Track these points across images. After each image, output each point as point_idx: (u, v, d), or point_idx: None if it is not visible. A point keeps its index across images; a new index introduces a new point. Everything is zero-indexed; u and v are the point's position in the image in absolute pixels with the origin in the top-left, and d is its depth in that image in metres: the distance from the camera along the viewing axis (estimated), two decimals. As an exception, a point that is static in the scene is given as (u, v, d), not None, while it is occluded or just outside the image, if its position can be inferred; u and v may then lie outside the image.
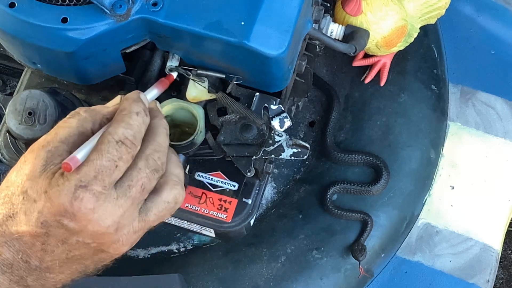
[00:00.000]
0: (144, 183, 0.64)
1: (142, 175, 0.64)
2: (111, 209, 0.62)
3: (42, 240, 0.62)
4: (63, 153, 0.63)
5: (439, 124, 1.16)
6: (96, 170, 0.61)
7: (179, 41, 0.77)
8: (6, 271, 0.63)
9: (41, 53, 0.78)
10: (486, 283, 1.11)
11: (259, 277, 1.04)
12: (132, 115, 0.65)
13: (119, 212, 0.63)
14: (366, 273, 1.05)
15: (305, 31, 0.83)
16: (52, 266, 0.64)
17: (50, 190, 0.61)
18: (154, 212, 0.66)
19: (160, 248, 1.09)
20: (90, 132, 0.65)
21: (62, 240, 0.63)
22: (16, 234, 0.62)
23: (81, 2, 0.74)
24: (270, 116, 0.83)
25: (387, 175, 1.08)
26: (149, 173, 0.65)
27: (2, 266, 0.63)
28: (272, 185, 1.12)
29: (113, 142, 0.62)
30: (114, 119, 0.65)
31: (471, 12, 1.25)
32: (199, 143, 0.81)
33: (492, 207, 1.14)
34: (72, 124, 0.65)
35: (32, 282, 0.64)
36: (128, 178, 0.64)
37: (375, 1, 1.00)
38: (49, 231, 0.62)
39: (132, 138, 0.64)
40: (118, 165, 0.62)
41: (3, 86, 1.14)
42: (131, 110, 0.65)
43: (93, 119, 0.66)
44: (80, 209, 0.61)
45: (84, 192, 0.61)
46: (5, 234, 0.62)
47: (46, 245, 0.63)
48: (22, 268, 0.63)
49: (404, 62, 1.16)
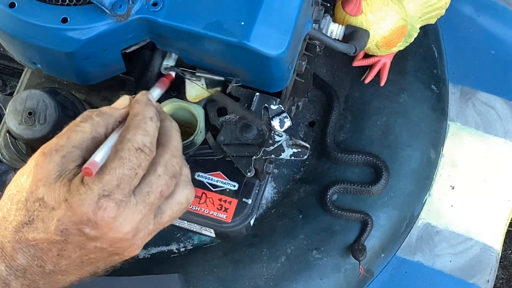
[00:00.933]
0: (163, 190, 0.64)
1: (162, 182, 0.64)
2: (131, 215, 0.62)
3: (59, 246, 0.62)
4: (77, 158, 0.63)
5: (439, 124, 1.16)
6: (119, 179, 0.61)
7: (179, 41, 0.77)
8: (20, 276, 0.63)
9: (41, 53, 0.78)
10: (486, 283, 1.11)
11: (259, 277, 1.04)
12: (147, 120, 0.65)
13: (137, 218, 0.63)
14: (366, 273, 1.05)
15: (305, 31, 0.83)
16: (66, 269, 0.64)
17: (72, 198, 0.61)
18: (168, 214, 0.66)
19: (160, 248, 1.09)
20: (103, 136, 0.65)
21: (80, 246, 0.63)
22: (33, 241, 0.62)
23: (81, 2, 0.74)
24: (270, 116, 0.83)
25: (387, 175, 1.08)
26: (168, 180, 0.65)
27: (16, 271, 0.63)
28: (272, 185, 1.12)
29: (133, 150, 0.62)
30: (130, 125, 0.64)
31: (471, 12, 1.25)
32: (199, 143, 0.81)
33: (492, 207, 1.14)
34: (86, 129, 0.64)
35: (43, 285, 0.64)
36: (147, 184, 0.64)
37: (375, 1, 1.00)
38: (68, 239, 0.62)
39: (150, 145, 0.64)
40: (137, 173, 0.62)
41: (3, 86, 1.14)
42: (145, 115, 0.65)
43: (106, 123, 0.65)
44: (104, 218, 0.61)
45: (107, 201, 0.61)
46: (21, 240, 0.62)
47: (63, 251, 0.63)
48: (36, 273, 0.63)
49: (404, 62, 1.16)
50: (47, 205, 0.61)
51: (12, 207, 0.62)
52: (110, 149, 0.63)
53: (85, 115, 0.65)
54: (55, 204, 0.61)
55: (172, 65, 0.81)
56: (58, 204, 0.61)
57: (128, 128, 0.64)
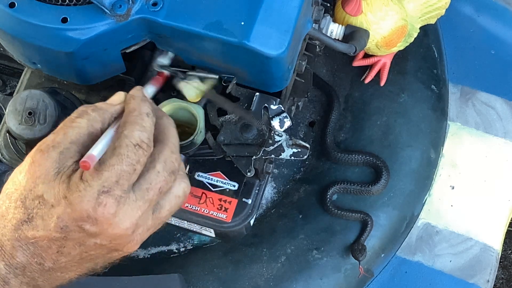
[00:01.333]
0: (162, 186, 0.65)
1: (161, 178, 0.64)
2: (130, 211, 0.62)
3: (59, 243, 0.62)
4: (75, 154, 0.63)
5: (439, 124, 1.16)
6: (117, 175, 0.61)
7: (179, 41, 0.77)
8: (19, 273, 0.63)
9: (41, 53, 0.78)
10: (486, 283, 1.11)
11: (259, 277, 1.04)
12: (143, 116, 0.65)
13: (137, 214, 0.63)
14: (366, 273, 1.05)
15: (305, 31, 0.83)
16: (65, 266, 0.64)
17: (71, 195, 0.61)
18: (166, 209, 0.67)
19: (160, 248, 1.09)
20: (100, 132, 0.65)
21: (80, 243, 0.63)
22: (32, 239, 0.62)
23: (81, 2, 0.74)
24: (270, 116, 0.83)
25: (387, 175, 1.08)
26: (167, 176, 0.65)
27: (15, 269, 0.63)
28: (272, 185, 1.12)
29: (131, 146, 0.62)
30: (127, 121, 0.64)
31: (471, 12, 1.25)
32: (199, 143, 0.81)
33: (492, 207, 1.14)
34: (82, 124, 0.64)
35: (42, 282, 0.64)
36: (146, 181, 0.64)
37: (375, 1, 1.00)
38: (68, 235, 0.62)
39: (147, 141, 0.64)
40: (136, 169, 0.62)
41: (3, 86, 1.15)
42: (141, 110, 0.65)
43: (102, 118, 0.65)
44: (104, 214, 0.61)
45: (107, 197, 0.61)
46: (20, 238, 0.62)
47: (62, 248, 0.62)
48: (35, 270, 0.63)
49: (404, 62, 1.16)
50: (46, 203, 0.61)
51: (11, 205, 0.62)
52: (107, 144, 0.63)
53: (80, 110, 0.65)
54: (54, 201, 0.61)
55: (165, 64, 0.80)
56: (57, 201, 0.61)
57: (125, 124, 0.64)
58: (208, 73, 0.80)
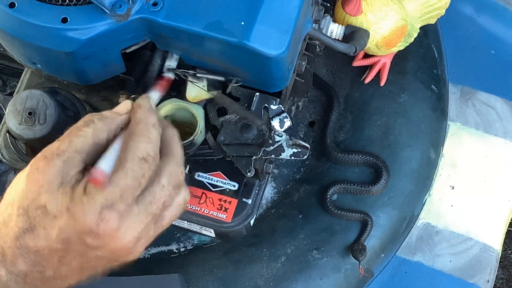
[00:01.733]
0: (166, 201, 0.64)
1: (165, 193, 0.64)
2: (133, 225, 0.62)
3: (60, 254, 0.62)
4: (79, 163, 0.62)
5: (439, 124, 1.16)
6: (122, 189, 0.60)
7: (179, 41, 0.77)
8: (20, 281, 0.63)
9: (41, 53, 0.78)
10: (486, 283, 1.11)
11: (259, 277, 1.04)
12: (149, 127, 0.64)
13: (139, 228, 0.62)
14: (366, 273, 1.05)
15: (305, 31, 0.83)
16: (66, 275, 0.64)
17: (74, 208, 0.60)
18: (168, 218, 0.66)
19: (160, 248, 1.09)
20: (105, 142, 0.64)
21: (81, 254, 0.62)
22: (34, 248, 0.61)
23: (81, 2, 0.74)
24: (270, 116, 0.83)
25: (387, 175, 1.08)
26: (172, 191, 0.64)
27: (16, 277, 0.62)
28: (272, 185, 1.12)
29: (136, 159, 0.61)
30: (133, 132, 0.64)
31: (471, 12, 1.25)
32: (199, 143, 0.81)
33: (492, 207, 1.14)
34: (88, 134, 0.63)
35: None
36: (150, 194, 0.63)
37: (375, 1, 1.00)
38: (69, 247, 0.61)
39: (153, 154, 0.63)
40: (140, 183, 0.62)
41: (3, 86, 1.15)
42: (147, 121, 0.64)
43: (108, 128, 0.65)
44: (106, 229, 0.60)
45: (110, 212, 0.60)
46: (21, 246, 0.61)
47: (63, 259, 0.62)
48: (36, 278, 0.63)
49: (404, 62, 1.16)
50: (49, 213, 0.61)
51: (13, 213, 0.62)
52: (116, 157, 0.62)
53: (87, 119, 0.65)
54: (57, 213, 0.60)
55: (173, 67, 0.80)
56: (60, 213, 0.60)
57: (131, 136, 0.63)
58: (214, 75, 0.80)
